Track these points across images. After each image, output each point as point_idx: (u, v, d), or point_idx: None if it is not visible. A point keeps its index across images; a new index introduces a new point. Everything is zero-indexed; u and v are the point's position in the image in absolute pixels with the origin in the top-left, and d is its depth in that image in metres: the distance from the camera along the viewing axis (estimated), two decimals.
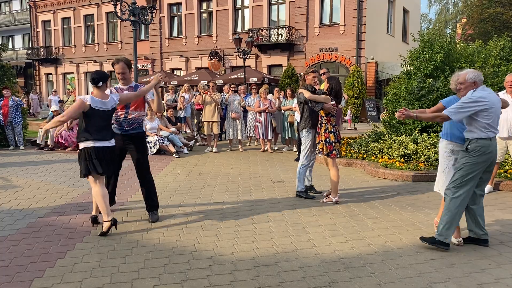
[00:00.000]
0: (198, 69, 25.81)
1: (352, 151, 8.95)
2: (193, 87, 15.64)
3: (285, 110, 10.26)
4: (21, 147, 11.09)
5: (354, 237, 4.29)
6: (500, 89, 6.90)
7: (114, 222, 4.29)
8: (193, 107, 12.33)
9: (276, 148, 10.98)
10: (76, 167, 7.86)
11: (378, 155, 8.19)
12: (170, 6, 27.58)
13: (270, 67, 24.79)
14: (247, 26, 24.92)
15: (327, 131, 5.57)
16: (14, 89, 13.45)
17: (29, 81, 35.41)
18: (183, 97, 12.38)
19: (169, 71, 26.26)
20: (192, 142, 11.23)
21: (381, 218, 4.94)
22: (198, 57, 26.50)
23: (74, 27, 31.68)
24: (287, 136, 10.54)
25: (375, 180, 7.10)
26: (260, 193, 6.21)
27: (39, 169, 8.19)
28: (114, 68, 4.75)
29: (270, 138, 10.61)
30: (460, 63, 8.65)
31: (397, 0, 25.92)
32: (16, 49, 36.26)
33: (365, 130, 12.57)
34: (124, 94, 4.65)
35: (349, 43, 22.12)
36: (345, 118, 17.44)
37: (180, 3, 27.09)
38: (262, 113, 10.48)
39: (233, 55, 24.41)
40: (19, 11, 35.91)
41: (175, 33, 27.82)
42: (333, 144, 5.57)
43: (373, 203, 5.61)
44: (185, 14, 26.94)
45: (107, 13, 29.82)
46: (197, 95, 11.25)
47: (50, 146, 10.89)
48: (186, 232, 4.42)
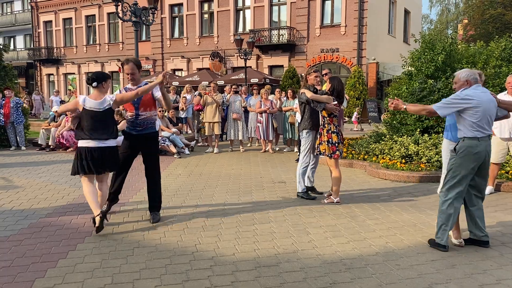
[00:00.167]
0: (199, 69, 25.85)
1: (353, 152, 8.95)
2: (194, 88, 15.65)
3: (286, 110, 10.26)
4: (23, 148, 11.10)
5: (355, 238, 4.29)
6: (502, 90, 6.88)
7: (103, 214, 4.35)
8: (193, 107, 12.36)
9: (277, 148, 10.98)
10: None
11: (379, 156, 8.19)
12: (172, 6, 27.63)
13: (271, 67, 24.81)
14: (248, 27, 24.95)
15: (330, 131, 5.55)
16: (16, 89, 13.48)
17: (31, 81, 35.49)
18: (185, 97, 12.40)
19: (171, 72, 26.29)
20: (193, 142, 11.25)
21: (382, 219, 4.93)
22: (199, 57, 26.54)
23: (75, 27, 31.77)
24: (288, 137, 10.55)
25: (376, 181, 7.10)
26: (261, 193, 6.21)
27: (40, 169, 8.20)
28: (123, 69, 4.74)
29: (271, 138, 10.61)
30: (461, 64, 8.63)
31: (398, 1, 25.92)
32: (17, 50, 36.36)
33: (366, 130, 12.57)
34: (120, 94, 4.65)
35: (350, 44, 22.13)
36: (348, 119, 17.42)
37: (181, 4, 27.14)
38: (263, 114, 10.49)
39: (234, 55, 24.43)
40: (20, 11, 36.01)
41: (176, 34, 27.87)
42: (336, 145, 5.55)
43: (374, 204, 5.61)
44: (186, 15, 26.99)
45: (109, 14, 29.89)
46: (196, 95, 11.28)
47: (51, 147, 10.90)
48: (187, 233, 4.43)
